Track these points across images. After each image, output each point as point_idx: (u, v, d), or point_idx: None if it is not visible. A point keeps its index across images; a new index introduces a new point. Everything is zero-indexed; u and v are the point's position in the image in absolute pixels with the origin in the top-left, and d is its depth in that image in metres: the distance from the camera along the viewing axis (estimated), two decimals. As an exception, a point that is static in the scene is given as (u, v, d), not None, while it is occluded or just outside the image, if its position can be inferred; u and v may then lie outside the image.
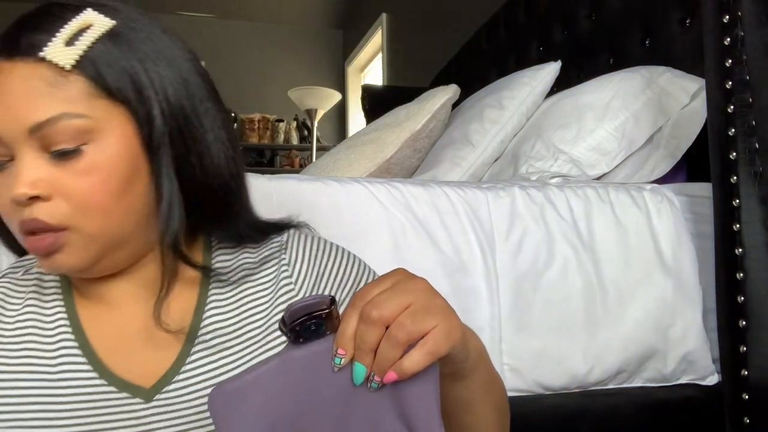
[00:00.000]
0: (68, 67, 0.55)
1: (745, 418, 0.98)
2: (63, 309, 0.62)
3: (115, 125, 0.57)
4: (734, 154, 0.99)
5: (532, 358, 1.07)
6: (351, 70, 5.64)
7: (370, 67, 5.47)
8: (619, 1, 1.89)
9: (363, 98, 3.37)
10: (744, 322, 0.98)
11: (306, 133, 5.54)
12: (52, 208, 0.55)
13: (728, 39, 0.99)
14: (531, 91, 1.72)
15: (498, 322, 1.06)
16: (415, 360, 0.43)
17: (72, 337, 0.60)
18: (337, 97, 4.50)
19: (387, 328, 0.44)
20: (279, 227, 0.69)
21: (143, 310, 0.62)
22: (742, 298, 0.98)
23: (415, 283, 0.46)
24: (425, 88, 2.39)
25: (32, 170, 0.55)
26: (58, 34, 0.55)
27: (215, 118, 0.62)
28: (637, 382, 1.15)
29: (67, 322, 0.61)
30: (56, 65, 0.54)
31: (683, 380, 1.17)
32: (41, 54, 0.54)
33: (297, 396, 0.46)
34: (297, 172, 4.29)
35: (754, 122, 0.98)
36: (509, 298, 1.08)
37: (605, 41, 1.93)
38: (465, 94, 2.02)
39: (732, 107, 0.99)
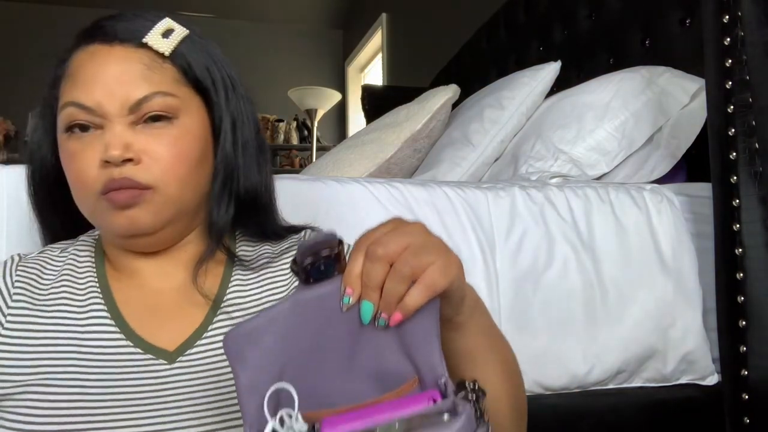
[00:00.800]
0: (167, 53, 0.65)
1: (745, 418, 0.98)
2: (95, 279, 0.68)
3: (194, 110, 0.67)
4: (734, 154, 0.99)
5: (532, 358, 1.07)
6: (351, 70, 5.64)
7: (370, 67, 5.47)
8: (619, 1, 1.89)
9: (363, 98, 3.37)
10: (744, 322, 0.98)
11: (306, 133, 5.54)
12: (141, 170, 0.63)
13: (728, 39, 0.99)
14: (531, 91, 1.72)
15: (498, 322, 1.06)
16: (415, 296, 0.46)
17: (102, 302, 0.65)
18: (337, 97, 4.50)
19: (391, 266, 0.46)
20: (298, 230, 0.75)
21: (174, 287, 0.68)
22: (742, 298, 0.98)
23: (413, 226, 0.49)
24: (425, 88, 2.39)
25: (125, 136, 0.63)
26: (154, 27, 0.65)
27: (253, 121, 0.73)
28: (637, 382, 1.15)
29: (98, 290, 0.66)
30: (155, 52, 0.65)
31: (683, 380, 1.17)
32: (144, 40, 0.64)
33: (307, 336, 0.48)
34: (297, 172, 4.29)
35: (754, 122, 0.98)
36: (509, 298, 1.08)
37: (605, 41, 1.93)
38: (465, 94, 2.02)
39: (732, 107, 0.99)
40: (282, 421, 0.44)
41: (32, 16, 5.16)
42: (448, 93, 1.84)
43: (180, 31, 0.67)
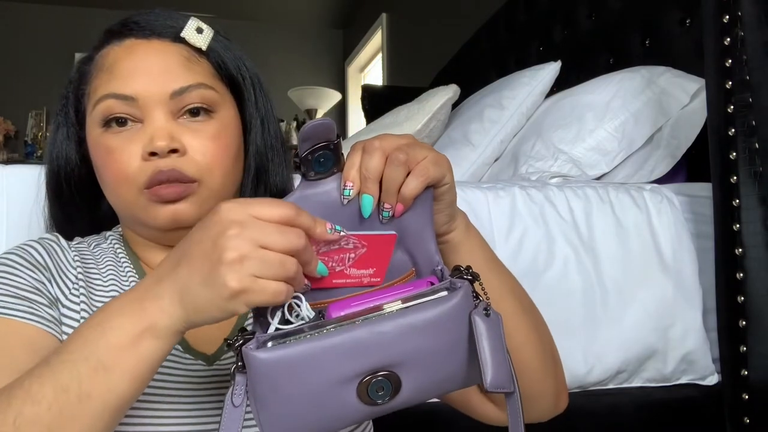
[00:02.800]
0: (204, 48, 0.67)
1: (745, 418, 0.98)
2: (135, 275, 0.67)
3: (228, 105, 0.68)
4: (734, 154, 0.99)
5: (532, 358, 1.07)
6: (351, 70, 5.63)
7: (370, 67, 5.47)
8: (619, 1, 1.89)
9: (363, 98, 3.37)
10: (744, 322, 0.98)
11: (306, 133, 5.53)
12: (188, 161, 0.63)
13: (728, 39, 0.99)
14: (531, 91, 1.72)
15: (498, 322, 1.06)
16: (412, 184, 0.51)
17: None
18: (337, 97, 4.50)
19: (387, 159, 0.50)
20: None
21: None
22: (742, 298, 0.98)
23: (405, 136, 0.54)
24: (425, 88, 2.39)
25: (169, 128, 0.63)
26: (187, 24, 0.66)
27: (277, 120, 0.74)
28: (637, 382, 1.15)
29: None
30: (191, 47, 0.66)
31: (683, 380, 1.17)
32: (182, 35, 0.65)
33: None
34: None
35: (754, 122, 0.98)
36: (509, 298, 1.07)
37: (605, 41, 1.93)
38: (465, 94, 2.02)
39: (732, 107, 0.99)
40: (291, 309, 0.46)
41: (32, 16, 5.16)
42: (448, 93, 1.84)
43: (209, 29, 0.68)
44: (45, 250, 0.64)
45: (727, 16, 0.99)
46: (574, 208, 1.15)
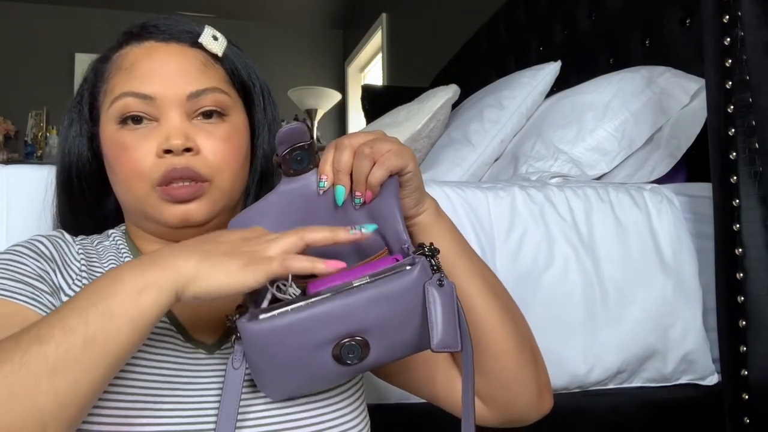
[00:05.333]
0: (220, 54, 0.70)
1: (745, 418, 0.98)
2: None
3: (239, 110, 0.71)
4: (734, 154, 0.99)
5: (532, 358, 1.07)
6: (351, 70, 5.63)
7: (370, 67, 5.47)
8: (619, 1, 1.89)
9: (363, 98, 3.37)
10: (744, 322, 0.98)
11: (306, 133, 5.53)
12: (200, 161, 0.65)
13: (728, 39, 0.99)
14: (531, 91, 1.72)
15: (498, 322, 1.06)
16: (377, 173, 0.58)
17: None
18: (337, 97, 4.50)
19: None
20: None
21: None
22: (742, 298, 0.98)
23: (375, 132, 0.61)
24: (425, 88, 2.39)
25: (184, 127, 0.66)
26: (204, 31, 0.69)
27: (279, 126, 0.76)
28: (637, 382, 1.15)
29: None
30: (207, 52, 0.69)
31: (683, 380, 1.17)
32: (200, 41, 0.69)
33: (294, 221, 0.59)
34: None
35: (754, 122, 0.98)
36: (509, 298, 1.07)
37: (605, 41, 1.93)
38: (465, 94, 2.02)
39: (732, 107, 0.99)
40: (279, 289, 0.53)
41: (32, 16, 5.16)
42: (448, 93, 1.84)
43: (223, 38, 0.71)
44: (51, 243, 0.66)
45: (727, 16, 0.99)
46: (574, 208, 1.15)
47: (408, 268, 0.54)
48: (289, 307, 0.52)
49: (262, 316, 0.52)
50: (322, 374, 0.55)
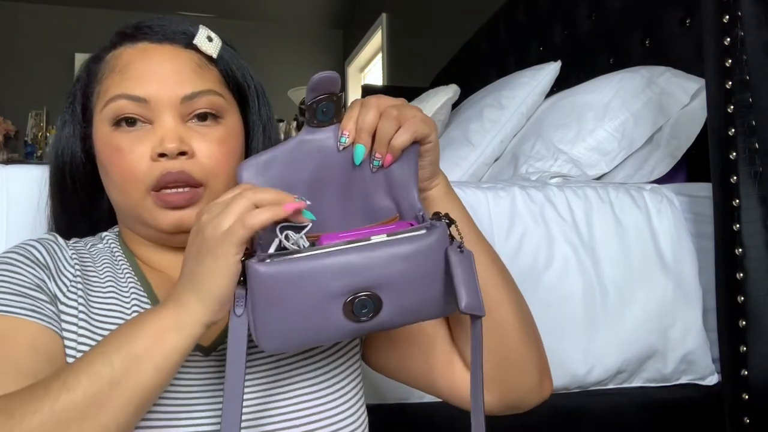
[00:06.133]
0: (215, 56, 0.69)
1: (745, 418, 0.98)
2: (132, 273, 0.68)
3: (234, 112, 0.70)
4: (734, 154, 0.99)
5: (532, 358, 1.07)
6: (351, 70, 5.63)
7: (370, 67, 5.47)
8: (619, 1, 1.89)
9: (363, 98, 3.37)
10: (744, 322, 0.98)
11: (306, 133, 5.53)
12: (195, 165, 0.65)
13: (728, 39, 0.99)
14: (531, 91, 1.72)
15: (498, 322, 1.06)
16: (402, 137, 0.57)
17: (144, 295, 0.67)
18: (337, 97, 4.49)
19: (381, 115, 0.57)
20: None
21: None
22: (742, 298, 0.98)
23: (398, 98, 0.60)
24: (425, 88, 2.39)
25: (179, 131, 0.65)
26: (198, 31, 0.68)
27: (276, 127, 0.77)
28: (637, 382, 1.15)
29: (138, 284, 0.67)
30: (202, 54, 0.68)
31: (683, 380, 1.17)
32: (194, 42, 0.68)
33: (308, 169, 0.58)
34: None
35: (754, 122, 0.98)
36: (509, 298, 1.07)
37: (605, 41, 1.93)
38: (465, 94, 2.02)
39: (732, 107, 0.99)
40: (288, 238, 0.52)
41: (32, 16, 5.16)
42: (448, 93, 1.84)
43: (218, 38, 0.70)
44: (44, 249, 0.65)
45: (727, 16, 0.99)
46: (574, 208, 1.15)
47: (424, 231, 0.53)
48: (304, 253, 0.50)
49: (274, 260, 0.50)
50: (327, 328, 0.52)
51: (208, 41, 0.69)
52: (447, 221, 0.55)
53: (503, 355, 0.66)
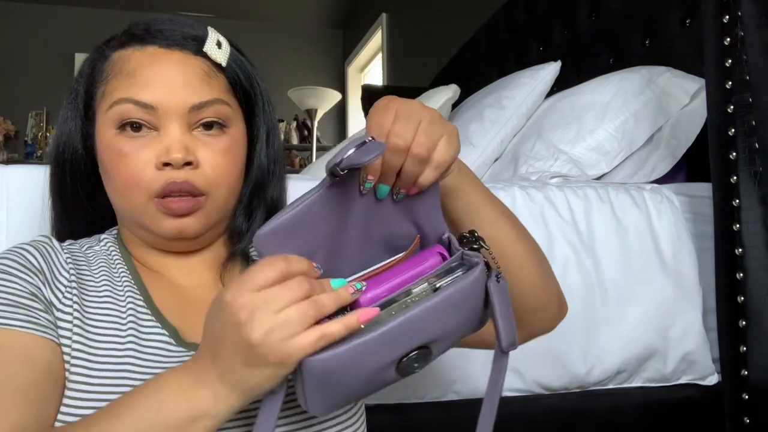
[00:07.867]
0: (224, 64, 0.68)
1: (745, 418, 0.98)
2: (128, 274, 0.68)
3: (239, 120, 0.70)
4: (734, 154, 0.99)
5: (532, 358, 1.07)
6: (351, 70, 5.64)
7: (370, 67, 5.47)
8: (619, 1, 1.89)
9: (363, 98, 3.37)
10: (744, 322, 0.98)
11: (306, 133, 5.54)
12: (199, 175, 0.65)
13: (728, 39, 0.99)
14: (531, 91, 1.72)
15: (498, 322, 1.06)
16: (429, 176, 0.54)
17: (139, 296, 0.66)
18: (337, 97, 4.49)
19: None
20: None
21: (199, 284, 0.70)
22: (742, 298, 0.98)
23: (411, 104, 0.55)
24: (425, 88, 2.39)
25: (185, 140, 0.64)
26: (208, 37, 0.67)
27: (278, 133, 0.75)
28: (637, 382, 1.15)
29: (133, 285, 0.67)
30: (211, 61, 0.67)
31: (683, 380, 1.17)
32: (204, 49, 0.67)
33: (333, 221, 0.54)
34: (297, 172, 4.29)
35: (754, 122, 0.98)
36: (509, 298, 1.07)
37: (605, 41, 1.93)
38: (465, 94, 2.02)
39: (732, 107, 0.99)
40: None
41: (32, 16, 5.16)
42: (448, 93, 1.84)
43: (226, 43, 0.69)
44: (39, 253, 0.64)
45: (727, 16, 0.99)
46: (574, 208, 1.15)
47: (461, 271, 0.52)
48: (355, 341, 0.47)
49: (326, 350, 0.47)
50: (377, 387, 0.52)
51: (217, 48, 0.68)
52: (476, 246, 0.54)
53: (529, 305, 0.69)
